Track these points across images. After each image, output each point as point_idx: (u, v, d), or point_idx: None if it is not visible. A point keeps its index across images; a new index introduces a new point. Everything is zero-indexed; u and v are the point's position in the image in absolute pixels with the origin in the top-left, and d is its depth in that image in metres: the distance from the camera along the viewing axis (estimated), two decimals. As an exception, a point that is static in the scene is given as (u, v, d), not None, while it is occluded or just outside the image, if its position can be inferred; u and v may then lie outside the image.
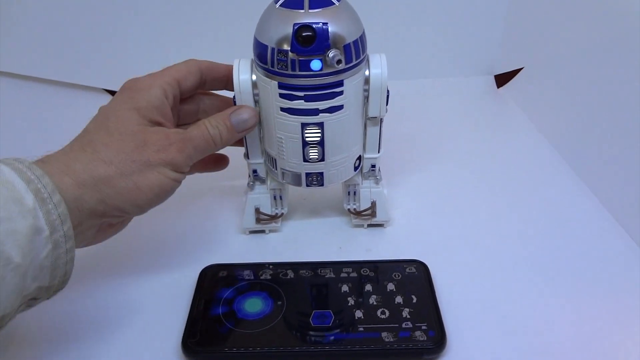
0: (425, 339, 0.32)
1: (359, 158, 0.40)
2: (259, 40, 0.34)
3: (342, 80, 0.35)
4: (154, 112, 0.34)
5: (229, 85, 0.37)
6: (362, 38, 0.35)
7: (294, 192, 0.45)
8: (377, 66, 0.36)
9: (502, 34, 0.63)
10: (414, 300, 0.34)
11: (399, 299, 0.35)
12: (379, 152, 0.40)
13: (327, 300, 0.35)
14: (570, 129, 0.52)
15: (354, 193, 0.42)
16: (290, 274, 0.37)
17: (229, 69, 0.37)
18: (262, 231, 0.43)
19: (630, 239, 0.41)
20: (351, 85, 0.35)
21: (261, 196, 0.41)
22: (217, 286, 0.36)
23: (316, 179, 0.39)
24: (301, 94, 0.35)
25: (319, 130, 0.36)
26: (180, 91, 0.36)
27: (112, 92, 0.62)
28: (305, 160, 0.38)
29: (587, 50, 0.51)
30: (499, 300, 0.36)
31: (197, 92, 0.39)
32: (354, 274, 0.37)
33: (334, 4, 0.34)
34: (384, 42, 0.46)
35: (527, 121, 0.58)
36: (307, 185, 0.39)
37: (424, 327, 0.32)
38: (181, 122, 0.39)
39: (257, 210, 0.42)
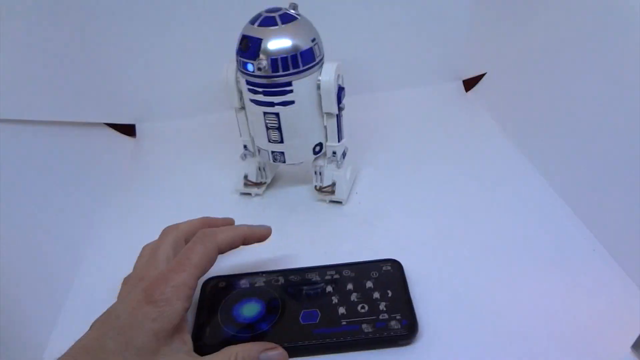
0: (399, 327, 0.36)
1: (320, 145, 0.49)
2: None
3: (291, 82, 0.44)
4: (172, 330, 0.33)
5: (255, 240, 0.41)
6: (310, 50, 0.44)
7: (285, 169, 0.56)
8: (326, 73, 0.45)
9: (467, 39, 0.66)
10: (390, 295, 0.39)
11: (376, 295, 0.39)
12: (339, 141, 0.49)
13: (313, 301, 0.39)
14: (534, 129, 0.56)
15: (320, 173, 0.51)
16: (281, 280, 0.42)
17: (242, 238, 0.40)
18: (249, 194, 0.54)
19: (585, 226, 0.45)
20: (301, 86, 0.44)
21: (250, 165, 0.53)
22: (218, 295, 0.41)
23: (279, 157, 0.49)
24: (260, 89, 0.44)
25: (276, 119, 0.46)
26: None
27: (113, 125, 0.66)
28: (269, 140, 0.48)
29: (549, 51, 0.55)
30: (466, 289, 0.40)
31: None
32: (337, 276, 0.41)
33: (295, 19, 0.44)
34: (354, 57, 0.51)
35: (493, 123, 0.62)
36: (274, 161, 0.50)
37: (398, 317, 0.37)
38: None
39: (245, 177, 0.53)
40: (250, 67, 0.43)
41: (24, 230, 0.45)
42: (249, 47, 0.43)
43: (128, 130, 0.68)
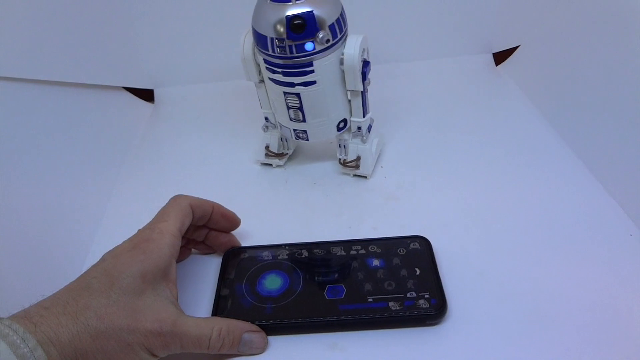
0: (428, 306, 0.35)
1: (344, 121, 0.47)
2: (257, 30, 0.41)
3: (312, 62, 0.41)
4: (159, 274, 0.33)
5: (210, 222, 0.40)
6: (338, 20, 0.40)
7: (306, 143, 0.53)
8: (350, 47, 0.41)
9: (499, 11, 0.64)
10: (418, 273, 0.38)
11: (404, 272, 0.38)
12: (363, 116, 0.47)
13: (339, 276, 0.38)
14: (569, 108, 0.54)
15: (344, 147, 0.49)
16: (305, 253, 0.41)
17: (212, 205, 0.40)
18: (270, 165, 0.52)
19: (621, 209, 0.43)
20: (323, 65, 0.41)
21: (272, 136, 0.51)
22: (240, 266, 0.40)
23: (302, 134, 0.47)
24: (279, 69, 0.42)
25: (297, 99, 0.43)
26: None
27: (131, 90, 0.65)
28: (290, 119, 0.46)
29: (582, 26, 0.52)
30: (496, 270, 0.39)
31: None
32: (362, 251, 0.40)
33: None
34: (380, 23, 0.48)
35: (524, 100, 0.59)
36: (296, 138, 0.48)
37: (426, 296, 0.36)
38: (191, 237, 0.41)
39: (267, 147, 0.51)
40: (310, 46, 0.39)
41: (40, 192, 0.45)
42: (304, 25, 0.38)
43: (147, 95, 0.66)
